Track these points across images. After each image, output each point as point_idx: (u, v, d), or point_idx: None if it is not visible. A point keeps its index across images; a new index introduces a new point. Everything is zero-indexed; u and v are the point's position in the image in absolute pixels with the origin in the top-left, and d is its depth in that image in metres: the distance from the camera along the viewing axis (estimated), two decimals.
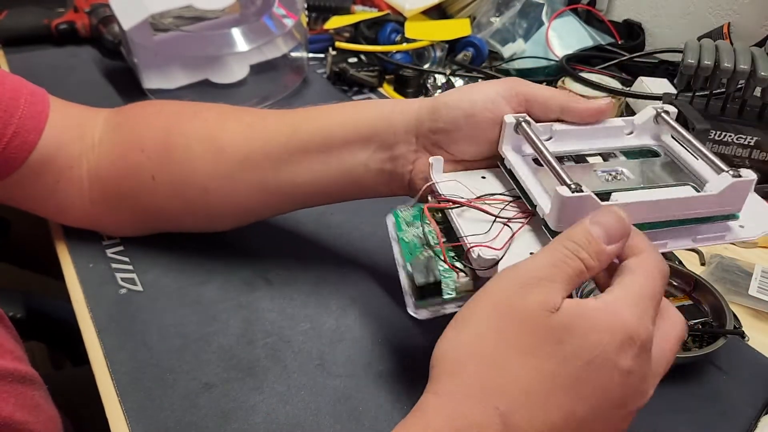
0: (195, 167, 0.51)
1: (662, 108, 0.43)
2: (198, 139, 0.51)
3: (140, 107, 0.56)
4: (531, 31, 0.95)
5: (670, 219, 0.38)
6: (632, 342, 0.30)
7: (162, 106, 0.56)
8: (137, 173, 0.52)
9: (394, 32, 0.94)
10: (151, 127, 0.53)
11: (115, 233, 0.58)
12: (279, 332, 0.49)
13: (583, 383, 0.30)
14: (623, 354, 0.30)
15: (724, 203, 0.39)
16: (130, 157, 0.52)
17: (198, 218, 0.55)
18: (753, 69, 0.64)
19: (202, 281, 0.53)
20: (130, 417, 0.42)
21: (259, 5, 0.87)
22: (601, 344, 0.30)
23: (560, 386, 0.29)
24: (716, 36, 0.89)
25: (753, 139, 0.68)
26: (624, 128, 0.44)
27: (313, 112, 0.50)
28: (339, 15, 1.02)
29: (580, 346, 0.30)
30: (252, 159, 0.49)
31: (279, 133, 0.49)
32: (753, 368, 0.48)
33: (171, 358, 0.46)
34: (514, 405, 0.29)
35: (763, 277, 0.55)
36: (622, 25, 1.02)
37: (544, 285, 0.31)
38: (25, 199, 0.55)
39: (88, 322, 0.49)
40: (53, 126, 0.52)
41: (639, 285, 0.32)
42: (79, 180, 0.53)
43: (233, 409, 0.42)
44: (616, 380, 0.30)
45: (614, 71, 0.88)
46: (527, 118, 0.42)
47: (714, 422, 0.44)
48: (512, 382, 0.30)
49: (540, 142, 0.40)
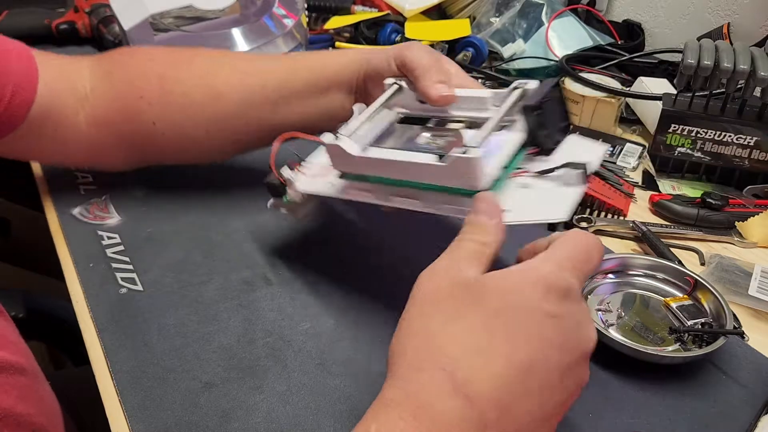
0: (195, 112, 0.56)
1: (520, 84, 0.45)
2: (195, 86, 0.56)
3: (128, 55, 0.60)
4: (531, 31, 0.95)
5: (417, 181, 0.43)
6: (553, 289, 0.32)
7: (151, 53, 0.59)
8: (138, 119, 0.56)
9: (394, 32, 0.94)
10: (147, 75, 0.56)
11: (111, 169, 0.62)
12: (279, 332, 0.49)
13: (515, 331, 0.31)
14: (546, 301, 0.32)
15: (456, 177, 0.40)
16: (130, 104, 0.56)
17: (198, 155, 0.60)
18: (753, 69, 0.64)
19: (202, 281, 0.53)
20: (130, 416, 0.42)
21: (260, 5, 0.88)
22: (523, 295, 0.32)
23: (495, 337, 0.31)
24: (716, 36, 0.89)
25: (753, 139, 0.68)
26: (492, 100, 0.47)
27: (301, 60, 0.56)
28: (339, 15, 1.02)
29: (503, 300, 0.32)
30: (249, 102, 0.55)
31: (273, 78, 0.56)
32: (752, 368, 0.48)
33: (171, 357, 0.46)
34: (456, 362, 0.31)
35: (762, 277, 0.55)
36: (621, 25, 1.02)
37: (451, 265, 0.34)
38: (29, 150, 0.59)
39: (88, 322, 0.49)
40: (45, 81, 0.55)
41: (556, 249, 0.35)
42: (77, 126, 0.57)
43: (233, 409, 0.43)
44: (548, 325, 0.32)
45: (614, 71, 0.88)
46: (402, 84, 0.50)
47: (714, 422, 0.44)
48: (449, 343, 0.32)
49: (384, 101, 0.49)
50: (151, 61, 0.57)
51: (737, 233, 0.63)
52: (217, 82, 0.56)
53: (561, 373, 0.32)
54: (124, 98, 0.56)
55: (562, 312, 0.32)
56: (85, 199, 0.62)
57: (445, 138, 0.46)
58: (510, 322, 0.32)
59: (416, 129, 0.48)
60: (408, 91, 0.50)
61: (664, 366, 0.47)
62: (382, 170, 0.44)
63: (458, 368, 0.31)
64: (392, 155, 0.43)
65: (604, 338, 0.47)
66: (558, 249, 0.35)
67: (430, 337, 0.32)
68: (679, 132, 0.70)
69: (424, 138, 0.47)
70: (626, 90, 0.80)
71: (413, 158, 0.42)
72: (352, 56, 0.56)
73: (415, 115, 0.50)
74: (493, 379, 0.31)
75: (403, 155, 0.43)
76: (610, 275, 0.54)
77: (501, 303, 0.32)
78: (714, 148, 0.70)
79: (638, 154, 0.76)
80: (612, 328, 0.49)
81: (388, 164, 0.43)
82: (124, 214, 0.61)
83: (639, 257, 0.55)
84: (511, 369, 0.31)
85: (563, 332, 0.32)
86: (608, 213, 0.66)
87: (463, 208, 0.41)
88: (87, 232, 0.58)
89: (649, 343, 0.48)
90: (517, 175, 0.43)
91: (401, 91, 0.51)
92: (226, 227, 0.60)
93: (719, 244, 0.63)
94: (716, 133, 0.69)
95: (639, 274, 0.54)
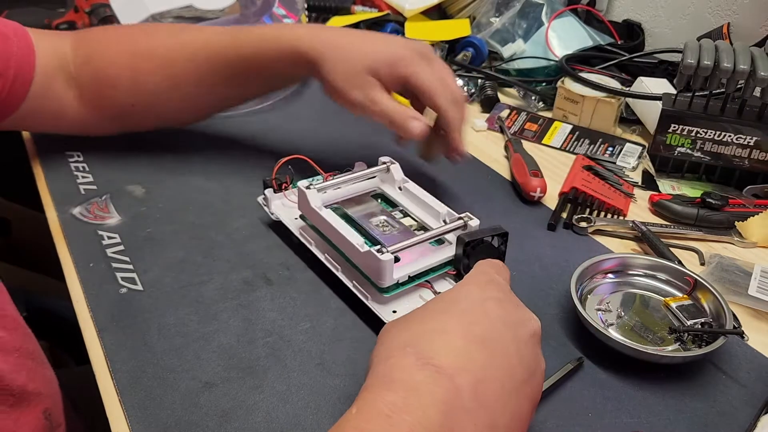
0: (164, 94, 0.64)
1: (466, 217, 0.52)
2: (160, 66, 0.63)
3: (102, 34, 0.66)
4: (531, 31, 0.95)
5: (344, 253, 0.50)
6: (489, 282, 0.40)
7: (118, 35, 0.66)
8: (115, 104, 0.65)
9: (394, 32, 0.94)
10: (117, 65, 0.63)
11: (99, 134, 0.69)
12: (279, 331, 0.49)
13: (467, 313, 0.37)
14: (487, 291, 0.39)
15: (367, 267, 0.48)
16: (106, 93, 0.64)
17: (173, 122, 0.70)
18: (752, 69, 0.64)
19: (202, 281, 0.53)
20: (130, 416, 0.42)
21: (260, 5, 0.88)
22: (467, 288, 0.39)
23: (450, 320, 0.36)
24: (716, 36, 0.89)
25: (752, 139, 0.68)
26: (444, 216, 0.54)
27: (250, 35, 0.61)
28: (339, 15, 1.02)
29: (452, 296, 0.39)
30: (208, 80, 0.63)
31: (225, 56, 0.61)
32: (752, 368, 0.48)
33: (171, 357, 0.46)
34: (418, 342, 0.35)
35: (762, 277, 0.55)
36: (621, 25, 1.02)
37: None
38: (27, 125, 0.67)
39: (88, 322, 0.49)
40: (40, 59, 0.61)
41: (476, 269, 0.42)
42: (69, 102, 0.64)
43: (233, 408, 0.43)
44: (492, 305, 0.37)
45: (614, 71, 0.88)
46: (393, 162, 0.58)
47: (713, 421, 0.44)
48: (411, 334, 0.36)
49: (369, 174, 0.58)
50: (119, 44, 0.64)
51: (737, 233, 0.63)
52: (178, 65, 0.62)
53: (516, 346, 0.36)
54: (101, 88, 0.63)
55: (501, 296, 0.39)
56: (85, 199, 0.62)
57: (395, 228, 0.53)
58: (461, 308, 0.37)
59: (379, 209, 0.56)
60: (393, 172, 0.57)
61: (663, 366, 0.47)
62: (325, 229, 0.52)
63: (421, 347, 0.34)
64: (335, 222, 0.50)
65: (603, 338, 0.47)
66: (476, 267, 0.42)
67: (395, 337, 0.36)
68: (678, 132, 0.70)
69: (380, 219, 0.54)
70: (626, 90, 0.80)
71: (347, 233, 0.49)
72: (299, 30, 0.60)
73: (387, 196, 0.58)
74: (455, 351, 0.34)
75: (342, 226, 0.50)
76: (610, 275, 0.54)
77: (451, 297, 0.39)
78: (714, 148, 0.70)
79: (638, 154, 0.76)
80: (612, 328, 0.49)
81: (330, 227, 0.51)
82: (124, 213, 0.61)
83: (639, 257, 0.55)
84: (469, 342, 0.35)
85: (506, 311, 0.38)
86: (608, 213, 0.66)
87: (367, 295, 0.48)
88: (87, 232, 0.58)
89: (649, 342, 0.48)
90: (424, 287, 0.50)
91: (388, 171, 0.58)
92: (227, 227, 0.60)
93: (719, 243, 0.63)
94: (716, 133, 0.69)
95: (639, 274, 0.54)
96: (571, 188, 0.66)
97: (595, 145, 0.78)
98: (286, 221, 0.57)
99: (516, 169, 0.70)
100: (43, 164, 0.68)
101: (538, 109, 0.87)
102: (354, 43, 0.57)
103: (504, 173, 0.72)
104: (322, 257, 0.52)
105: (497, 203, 0.66)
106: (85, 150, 0.70)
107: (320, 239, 0.53)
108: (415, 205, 0.56)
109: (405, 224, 0.54)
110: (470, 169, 0.72)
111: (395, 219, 0.54)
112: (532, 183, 0.66)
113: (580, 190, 0.66)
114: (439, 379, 0.32)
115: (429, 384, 0.32)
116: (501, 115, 0.84)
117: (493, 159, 0.75)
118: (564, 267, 0.57)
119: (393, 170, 0.57)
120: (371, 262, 0.47)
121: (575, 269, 0.52)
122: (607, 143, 0.78)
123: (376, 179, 0.59)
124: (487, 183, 0.70)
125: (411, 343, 0.34)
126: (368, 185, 0.59)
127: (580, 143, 0.79)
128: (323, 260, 0.52)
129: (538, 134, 0.81)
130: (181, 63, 0.62)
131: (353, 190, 0.57)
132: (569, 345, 0.49)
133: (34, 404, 0.43)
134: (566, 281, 0.51)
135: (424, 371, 0.32)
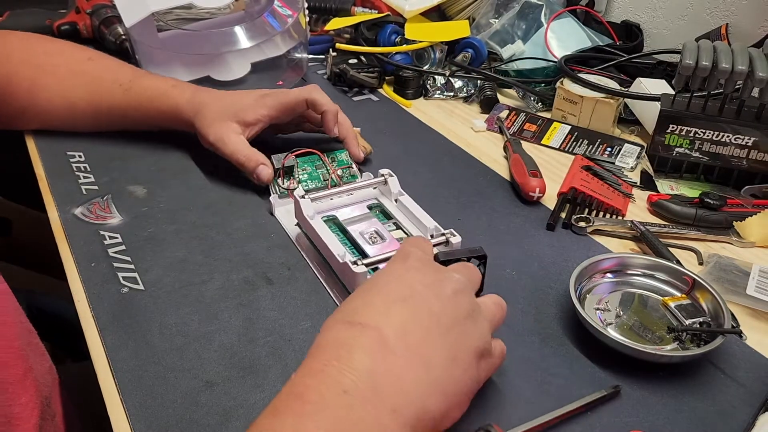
0: (59, 119, 0.72)
1: (451, 234, 0.53)
2: (57, 94, 0.70)
3: (5, 56, 0.70)
4: (530, 32, 0.95)
5: (328, 260, 0.53)
6: (409, 254, 0.42)
7: (22, 55, 0.71)
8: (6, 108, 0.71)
9: (394, 33, 0.94)
10: (16, 79, 0.69)
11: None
12: (280, 330, 0.49)
13: (388, 281, 0.40)
14: (407, 263, 0.42)
15: (344, 278, 0.50)
16: (7, 101, 0.70)
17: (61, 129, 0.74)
18: (751, 69, 0.65)
19: (203, 280, 0.53)
20: (131, 415, 0.42)
21: (263, 4, 0.88)
22: (391, 267, 0.42)
23: (372, 289, 0.40)
24: (714, 37, 0.89)
25: (751, 140, 0.68)
26: (432, 231, 0.55)
27: (141, 97, 0.70)
28: (339, 16, 1.02)
29: (377, 275, 0.42)
30: (102, 113, 0.71)
31: (118, 106, 0.70)
32: (750, 367, 0.48)
33: (172, 356, 0.46)
34: (346, 314, 0.38)
35: (760, 276, 0.56)
36: (620, 26, 1.02)
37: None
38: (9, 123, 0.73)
39: (90, 321, 0.49)
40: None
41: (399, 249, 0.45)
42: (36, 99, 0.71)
43: (234, 407, 0.43)
44: (413, 273, 0.41)
45: (613, 72, 0.89)
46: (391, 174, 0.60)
47: (712, 421, 0.44)
48: (342, 310, 0.39)
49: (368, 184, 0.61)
50: (24, 55, 0.71)
51: (735, 233, 0.63)
52: (74, 96, 0.70)
53: (439, 301, 0.39)
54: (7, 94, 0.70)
55: (419, 265, 0.41)
56: (87, 199, 0.63)
57: (385, 240, 0.55)
58: (383, 281, 0.41)
59: (373, 221, 0.57)
60: (390, 185, 0.59)
61: (662, 365, 0.47)
62: (313, 237, 0.55)
63: (345, 313, 0.38)
64: (322, 231, 0.53)
65: (602, 337, 0.47)
66: (400, 246, 0.45)
67: (327, 321, 0.39)
68: (677, 132, 0.70)
69: (371, 231, 0.56)
70: (625, 90, 0.81)
71: (331, 243, 0.51)
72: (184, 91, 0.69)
73: (383, 208, 0.60)
74: (377, 310, 0.38)
75: (328, 236, 0.52)
76: (609, 275, 0.55)
77: (375, 276, 0.42)
78: (712, 148, 0.70)
79: (637, 154, 0.77)
80: (610, 328, 0.50)
81: (317, 236, 0.53)
82: (125, 213, 0.61)
83: (637, 257, 0.55)
84: (390, 303, 0.38)
85: (424, 274, 0.41)
86: (607, 213, 0.66)
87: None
88: (88, 232, 0.58)
89: (648, 342, 0.48)
90: None
91: (386, 183, 0.60)
92: (227, 227, 0.60)
93: (717, 243, 0.63)
94: (714, 133, 0.69)
95: (637, 274, 0.55)
96: (570, 188, 0.66)
97: (594, 146, 0.79)
98: (287, 227, 0.60)
99: (515, 169, 0.70)
100: (44, 164, 0.68)
101: (537, 109, 0.88)
102: (221, 100, 0.67)
103: (503, 173, 0.72)
104: (312, 266, 0.55)
105: (496, 203, 0.67)
106: (86, 150, 0.70)
107: (309, 246, 0.57)
108: (407, 218, 0.58)
109: (395, 237, 0.56)
110: (470, 170, 0.73)
111: (387, 231, 0.56)
112: (531, 183, 0.66)
113: (579, 190, 0.66)
114: (365, 330, 0.36)
115: (356, 337, 0.36)
116: (500, 115, 0.85)
117: (493, 159, 0.75)
118: (563, 267, 0.57)
119: (390, 183, 0.59)
120: (347, 273, 0.49)
121: (574, 269, 0.52)
122: (606, 143, 0.79)
123: (376, 190, 0.61)
124: (486, 183, 0.70)
125: (339, 318, 0.38)
126: (367, 195, 0.61)
127: (578, 144, 0.79)
128: (312, 267, 0.55)
129: (537, 135, 0.81)
130: (79, 93, 0.70)
131: (352, 200, 0.60)
132: (568, 344, 0.49)
133: (34, 389, 0.44)
134: (565, 281, 0.52)
135: (352, 329, 0.37)
